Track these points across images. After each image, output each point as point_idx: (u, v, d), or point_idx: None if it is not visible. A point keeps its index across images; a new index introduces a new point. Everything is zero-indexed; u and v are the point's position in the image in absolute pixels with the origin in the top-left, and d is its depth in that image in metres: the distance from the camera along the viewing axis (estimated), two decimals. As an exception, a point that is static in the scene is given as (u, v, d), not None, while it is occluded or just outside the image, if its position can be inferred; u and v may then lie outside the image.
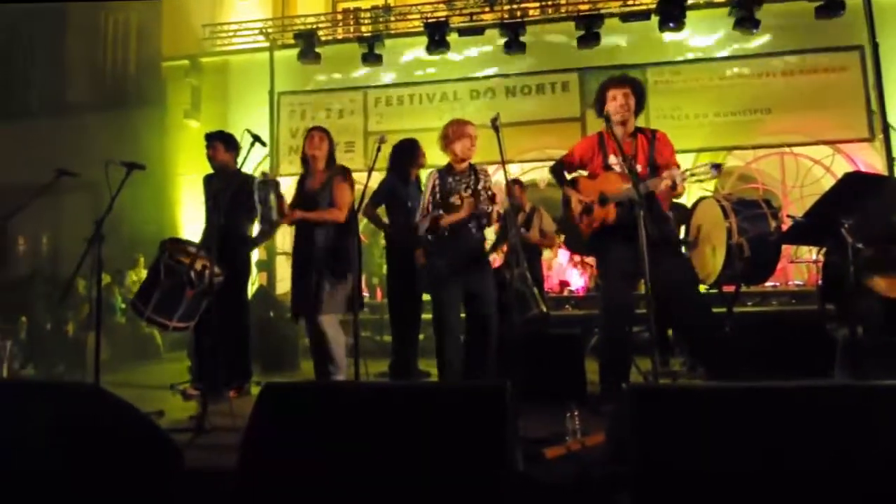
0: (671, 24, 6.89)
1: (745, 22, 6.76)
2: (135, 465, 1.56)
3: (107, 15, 9.72)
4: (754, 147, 7.27)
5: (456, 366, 2.94)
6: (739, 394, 1.49)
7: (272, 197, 3.36)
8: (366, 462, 1.24)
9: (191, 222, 3.92)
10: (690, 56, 7.37)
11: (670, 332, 4.25)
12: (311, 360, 3.40)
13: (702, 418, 1.39)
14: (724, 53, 7.29)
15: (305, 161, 3.46)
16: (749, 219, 3.70)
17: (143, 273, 7.37)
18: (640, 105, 2.87)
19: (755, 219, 3.71)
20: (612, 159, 2.83)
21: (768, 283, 6.99)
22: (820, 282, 3.91)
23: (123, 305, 7.08)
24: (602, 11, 7.15)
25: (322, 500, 1.25)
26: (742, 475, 1.27)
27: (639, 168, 2.72)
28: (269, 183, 3.43)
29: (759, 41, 7.16)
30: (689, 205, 4.40)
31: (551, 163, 3.22)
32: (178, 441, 1.80)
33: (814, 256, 5.48)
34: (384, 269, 5.09)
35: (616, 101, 2.80)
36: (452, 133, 3.03)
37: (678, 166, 2.71)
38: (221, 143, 3.76)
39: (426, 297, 4.05)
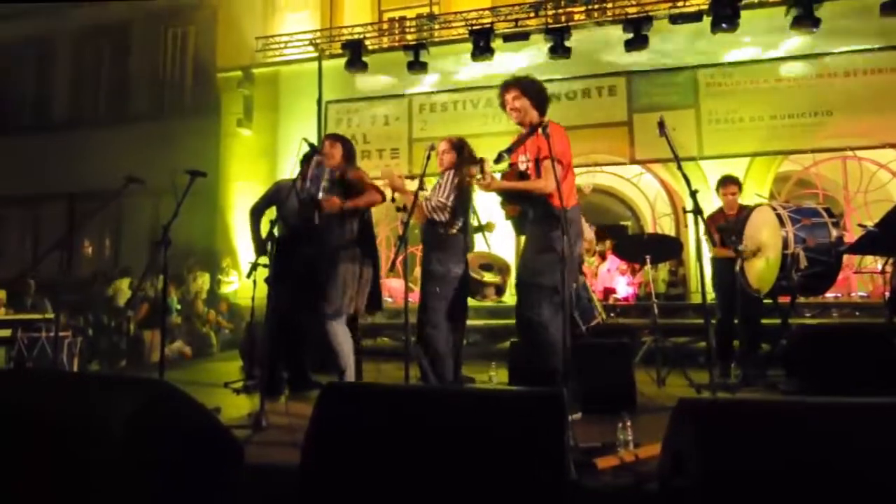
0: (724, 26, 6.68)
1: (804, 20, 6.49)
2: (200, 457, 1.64)
3: (166, 29, 10.26)
4: (814, 151, 6.95)
5: None
6: (804, 409, 1.44)
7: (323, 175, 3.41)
8: (425, 464, 1.27)
9: (244, 228, 4.05)
10: (744, 57, 7.10)
11: (736, 343, 4.18)
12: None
13: (765, 433, 1.35)
14: (781, 53, 7.00)
15: None
16: (806, 228, 3.55)
17: (206, 277, 7.75)
18: (536, 100, 2.96)
19: (813, 228, 3.55)
20: (521, 158, 2.96)
21: (829, 294, 6.64)
22: (888, 293, 3.70)
23: (179, 306, 7.41)
24: (651, 13, 7.01)
25: (382, 499, 1.28)
26: (804, 492, 1.23)
27: (522, 164, 2.87)
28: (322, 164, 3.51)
29: (819, 40, 6.85)
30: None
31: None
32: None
33: (879, 266, 5.17)
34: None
35: (508, 104, 2.97)
36: None
37: (555, 160, 2.62)
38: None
39: (471, 302, 4.07)
